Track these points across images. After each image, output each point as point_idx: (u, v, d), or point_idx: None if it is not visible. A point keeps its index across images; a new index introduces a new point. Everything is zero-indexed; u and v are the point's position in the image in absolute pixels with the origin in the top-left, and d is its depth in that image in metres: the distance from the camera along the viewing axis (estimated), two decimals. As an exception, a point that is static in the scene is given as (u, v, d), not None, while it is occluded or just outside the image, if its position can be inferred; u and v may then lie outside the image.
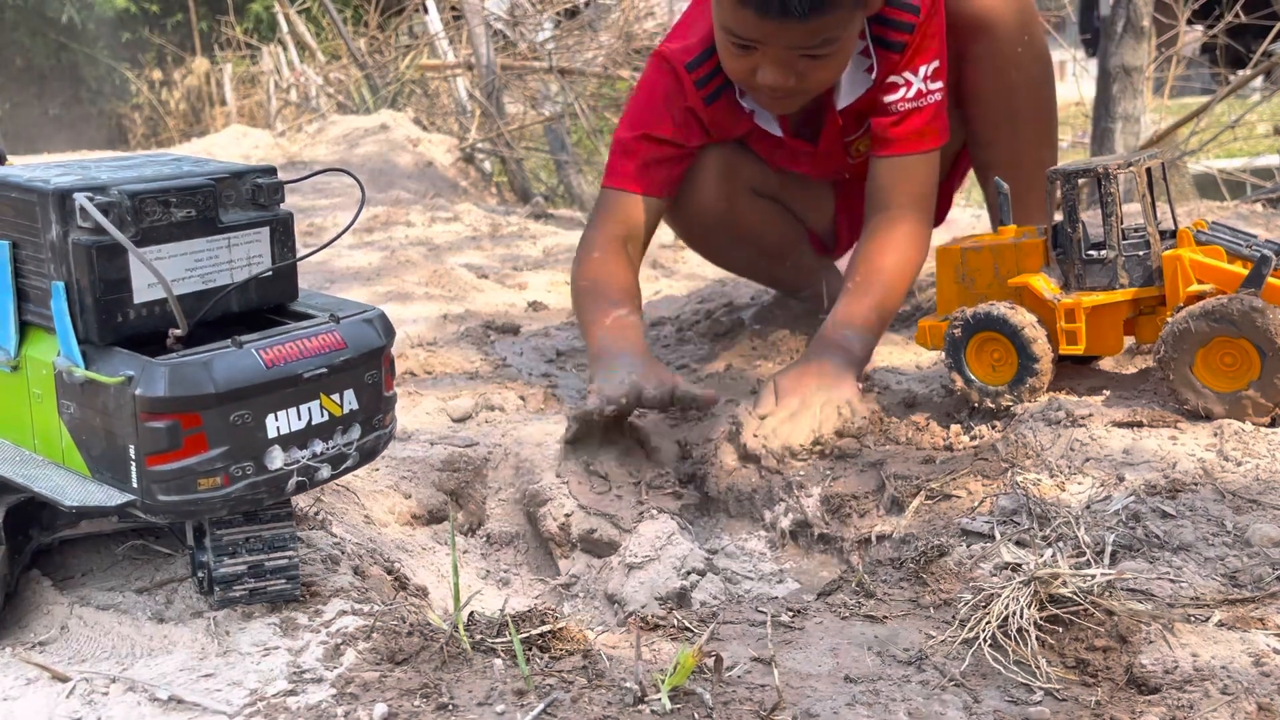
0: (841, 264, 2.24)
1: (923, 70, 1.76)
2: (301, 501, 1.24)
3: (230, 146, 6.74)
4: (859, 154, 1.93)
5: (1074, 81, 6.89)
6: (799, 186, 2.08)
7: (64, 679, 0.90)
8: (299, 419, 0.91)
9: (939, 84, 1.78)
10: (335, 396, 0.94)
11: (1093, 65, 3.85)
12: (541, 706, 0.85)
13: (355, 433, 0.96)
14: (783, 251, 2.14)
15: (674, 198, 1.91)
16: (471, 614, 1.02)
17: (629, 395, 1.52)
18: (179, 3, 11.76)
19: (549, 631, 0.97)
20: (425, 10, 7.68)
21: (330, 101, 8.31)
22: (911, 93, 1.77)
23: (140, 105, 11.16)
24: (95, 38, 12.32)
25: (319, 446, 0.93)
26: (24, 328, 0.93)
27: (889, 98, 1.78)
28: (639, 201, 1.85)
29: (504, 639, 0.96)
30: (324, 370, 0.92)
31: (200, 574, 0.99)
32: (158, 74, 11.14)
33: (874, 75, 1.77)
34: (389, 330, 1.00)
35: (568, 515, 1.42)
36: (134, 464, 0.86)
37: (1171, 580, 1.05)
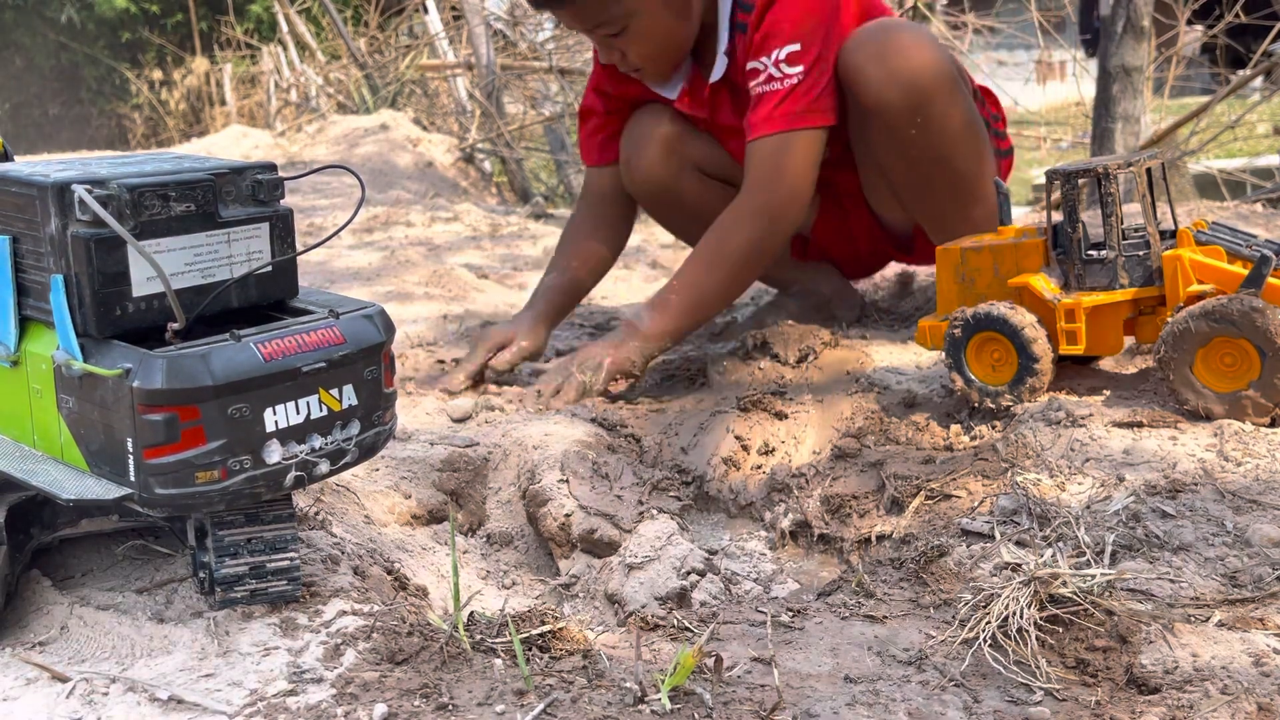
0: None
1: (775, 54, 1.77)
2: (301, 501, 1.24)
3: (230, 146, 6.75)
4: None
5: (1074, 81, 6.89)
6: None
7: (64, 679, 0.89)
8: (297, 413, 0.91)
9: (798, 68, 1.76)
10: (334, 391, 0.93)
11: (1093, 65, 3.85)
12: (541, 706, 0.85)
13: (355, 428, 0.96)
14: None
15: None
16: (471, 614, 1.01)
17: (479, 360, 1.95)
18: (179, 3, 11.77)
19: (549, 631, 0.97)
20: (425, 10, 7.68)
21: (330, 101, 8.32)
22: (762, 78, 1.80)
23: (140, 105, 11.17)
24: (95, 38, 12.32)
25: (318, 441, 0.93)
26: (24, 323, 0.93)
27: (750, 84, 1.82)
28: (597, 172, 2.13)
29: (504, 639, 0.96)
30: (323, 365, 0.92)
31: (201, 574, 0.98)
32: (158, 74, 11.15)
33: (726, 50, 1.87)
34: (389, 327, 1.00)
35: (568, 515, 1.42)
36: (131, 457, 0.86)
37: (1171, 580, 1.05)
